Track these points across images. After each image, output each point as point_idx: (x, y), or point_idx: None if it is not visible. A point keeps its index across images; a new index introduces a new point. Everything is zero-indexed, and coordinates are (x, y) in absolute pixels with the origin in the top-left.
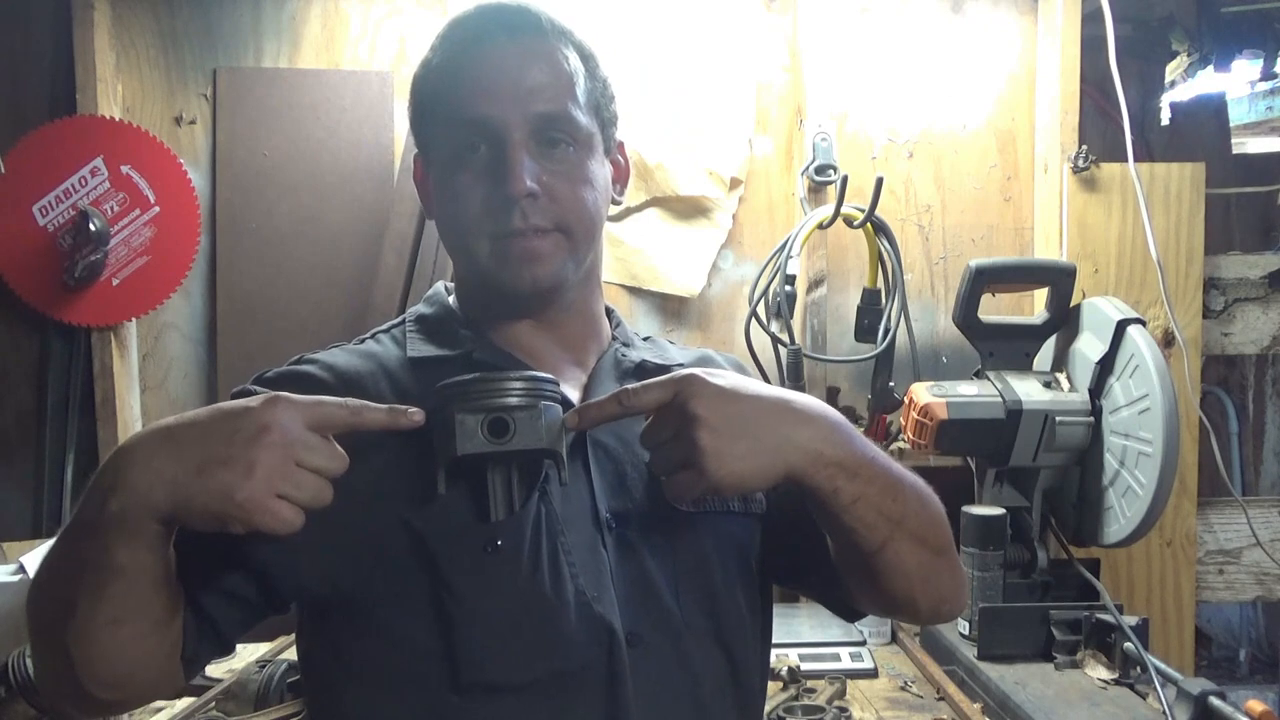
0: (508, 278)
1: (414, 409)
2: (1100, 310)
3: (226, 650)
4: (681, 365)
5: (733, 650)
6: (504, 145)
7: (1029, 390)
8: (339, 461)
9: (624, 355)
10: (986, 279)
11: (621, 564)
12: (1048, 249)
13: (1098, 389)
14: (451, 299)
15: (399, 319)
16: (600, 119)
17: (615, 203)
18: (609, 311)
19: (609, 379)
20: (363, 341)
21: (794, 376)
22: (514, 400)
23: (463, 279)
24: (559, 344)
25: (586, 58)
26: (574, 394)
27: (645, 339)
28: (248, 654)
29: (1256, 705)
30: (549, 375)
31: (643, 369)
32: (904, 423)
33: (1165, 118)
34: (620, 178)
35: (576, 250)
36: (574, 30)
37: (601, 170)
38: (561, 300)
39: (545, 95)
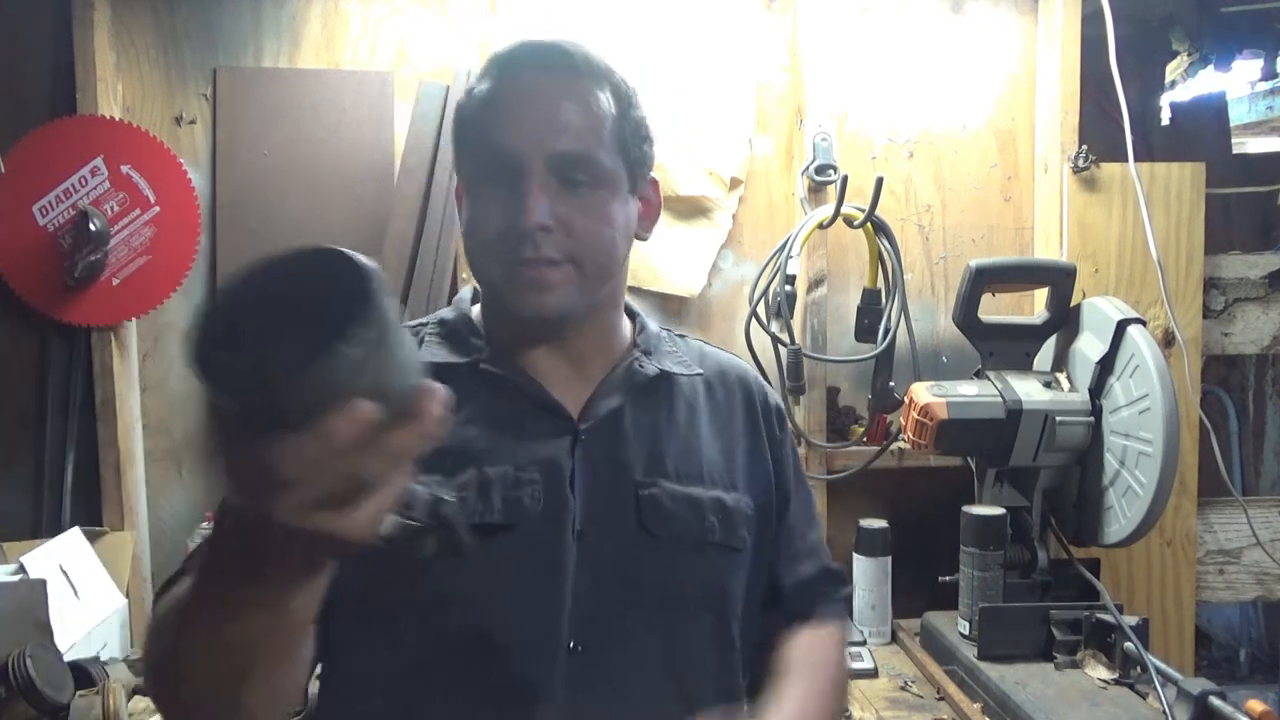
0: (516, 303)
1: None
2: (1100, 310)
3: None
4: (701, 375)
5: (684, 679)
6: (520, 177)
7: (1029, 390)
8: None
9: (641, 366)
10: (986, 279)
11: (582, 578)
12: (1048, 249)
13: (1098, 389)
14: (476, 308)
15: (425, 319)
16: (629, 158)
17: (640, 238)
18: (634, 315)
19: (615, 393)
20: None
21: (794, 376)
22: None
23: (483, 290)
24: (565, 359)
25: (621, 98)
26: (575, 408)
27: (680, 335)
28: None
29: (1256, 705)
30: None
31: (655, 383)
32: (904, 423)
33: (1165, 118)
34: (650, 214)
35: (587, 283)
36: (615, 70)
37: (624, 209)
38: (568, 327)
39: (570, 135)
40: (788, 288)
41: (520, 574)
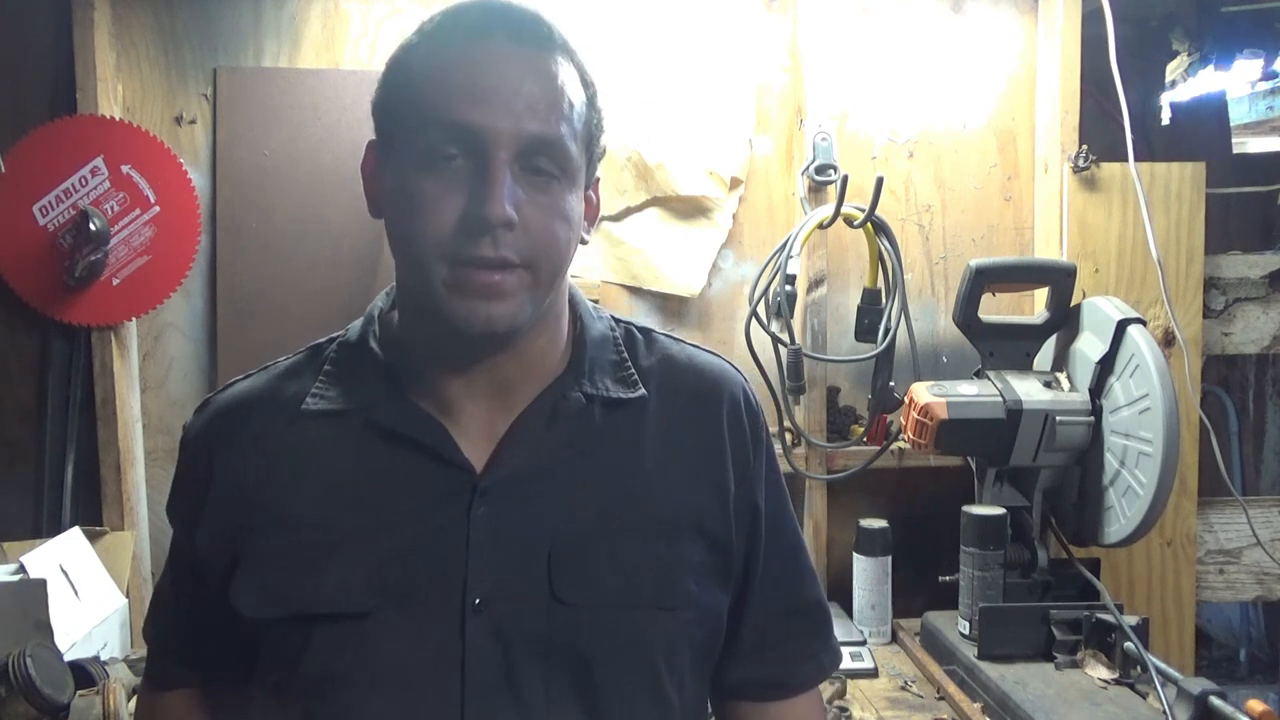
0: (461, 313)
1: None
2: (1100, 310)
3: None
4: (644, 397)
5: None
6: (487, 161)
7: (1029, 390)
8: None
9: (566, 396)
10: (987, 279)
11: (480, 653)
12: (1048, 249)
13: (1098, 389)
14: (392, 313)
15: (335, 335)
16: (589, 153)
17: (583, 242)
18: (579, 321)
19: (533, 433)
20: (299, 353)
21: (794, 376)
22: None
23: (408, 293)
24: (486, 389)
25: (588, 85)
26: (484, 449)
27: (644, 332)
28: None
29: (1256, 705)
30: None
31: (585, 413)
32: (904, 422)
33: (1165, 117)
34: (590, 215)
35: (539, 291)
36: (579, 53)
37: (577, 207)
38: (510, 343)
39: (542, 115)
40: (788, 288)
41: (397, 661)
